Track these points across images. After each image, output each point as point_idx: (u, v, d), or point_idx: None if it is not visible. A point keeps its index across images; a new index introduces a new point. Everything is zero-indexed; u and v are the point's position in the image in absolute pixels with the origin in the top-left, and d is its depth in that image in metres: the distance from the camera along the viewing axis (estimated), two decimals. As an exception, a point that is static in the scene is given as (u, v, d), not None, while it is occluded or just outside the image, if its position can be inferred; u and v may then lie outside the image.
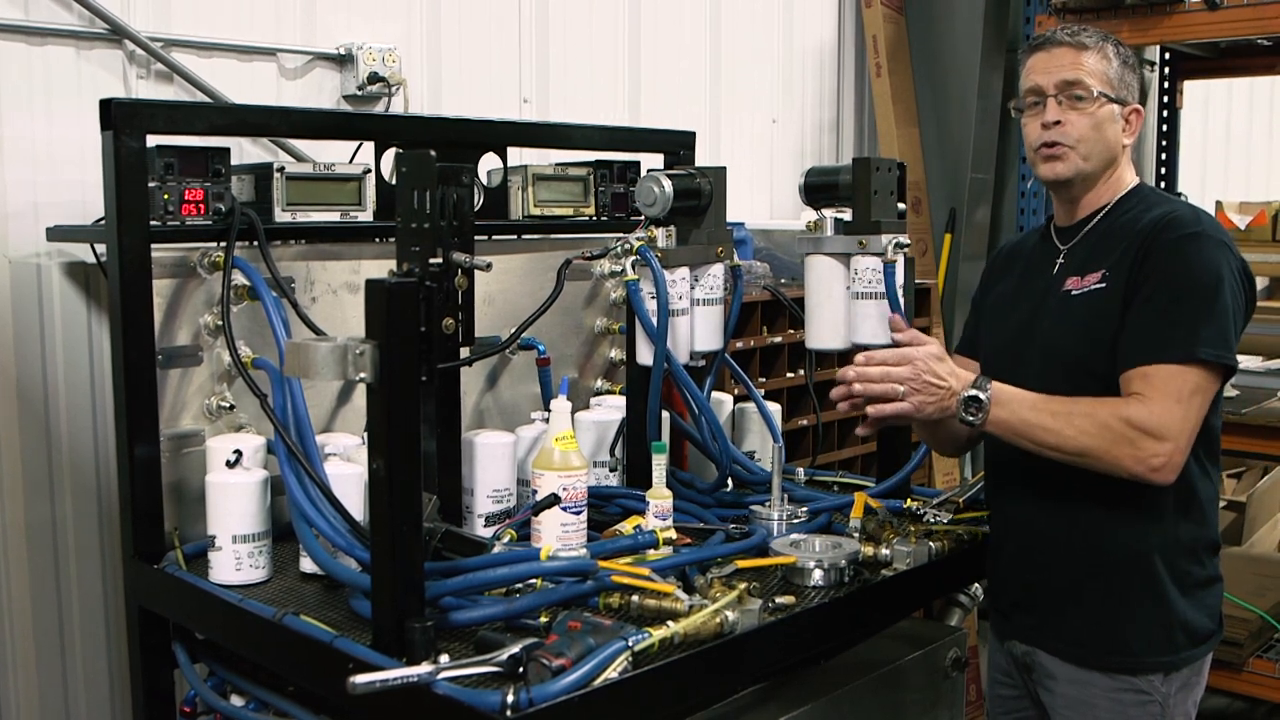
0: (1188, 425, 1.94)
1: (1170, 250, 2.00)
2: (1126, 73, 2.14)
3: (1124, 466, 1.94)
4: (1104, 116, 2.11)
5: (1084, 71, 2.10)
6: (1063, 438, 1.95)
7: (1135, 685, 2.07)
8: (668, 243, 2.36)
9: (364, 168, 2.54)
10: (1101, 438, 1.93)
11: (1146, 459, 1.92)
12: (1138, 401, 1.94)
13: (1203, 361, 1.95)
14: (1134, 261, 2.02)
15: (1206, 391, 1.97)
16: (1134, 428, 1.92)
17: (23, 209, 2.60)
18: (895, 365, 2.04)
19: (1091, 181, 2.15)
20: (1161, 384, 1.94)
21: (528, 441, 2.46)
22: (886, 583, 2.12)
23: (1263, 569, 4.09)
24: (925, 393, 2.01)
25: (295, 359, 1.70)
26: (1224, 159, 6.69)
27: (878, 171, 2.40)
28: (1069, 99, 2.10)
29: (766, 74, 4.36)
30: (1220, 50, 4.39)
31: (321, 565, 2.01)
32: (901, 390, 2.02)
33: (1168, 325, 1.96)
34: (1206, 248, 2.00)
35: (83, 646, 2.74)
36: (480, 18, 3.41)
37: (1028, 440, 1.99)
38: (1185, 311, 1.96)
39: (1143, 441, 1.92)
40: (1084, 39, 2.13)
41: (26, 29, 2.59)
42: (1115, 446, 1.93)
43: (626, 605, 1.86)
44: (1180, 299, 1.97)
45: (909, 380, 2.02)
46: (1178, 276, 1.99)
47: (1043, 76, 2.13)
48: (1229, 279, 2.00)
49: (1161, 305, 1.98)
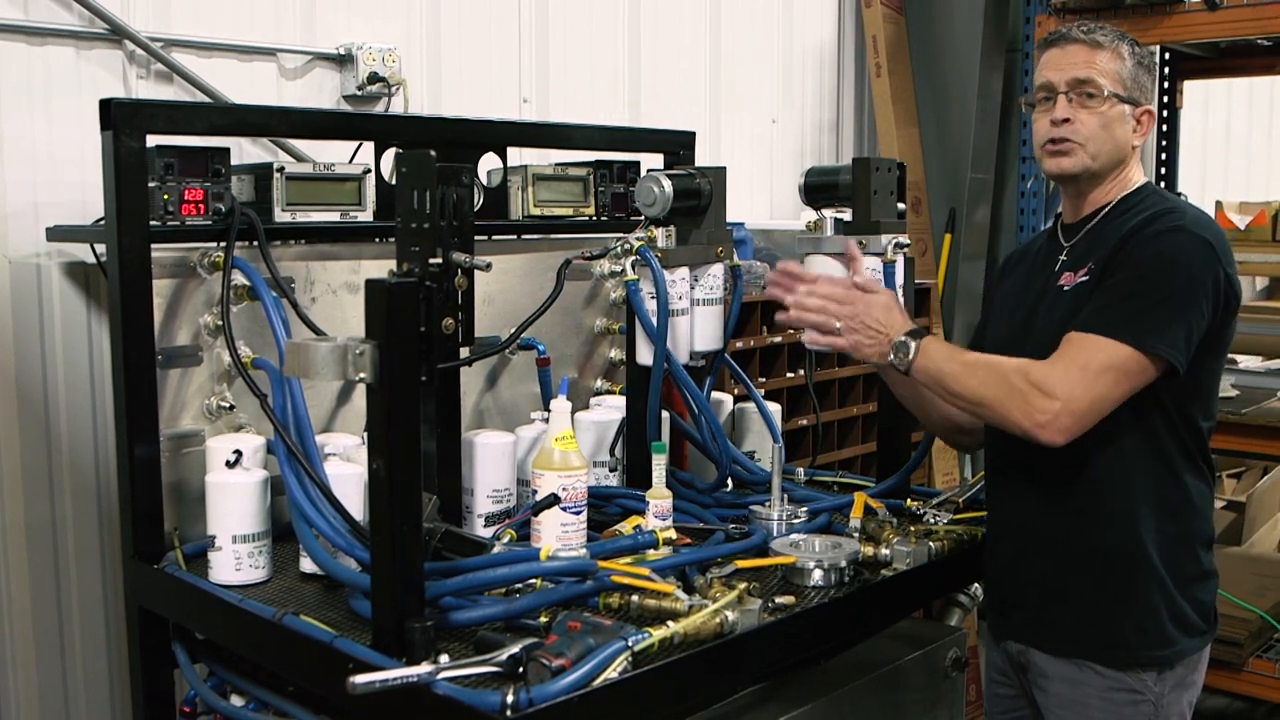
0: (1088, 395, 1.93)
1: (1145, 240, 2.00)
2: (1141, 73, 2.13)
3: (1013, 419, 1.96)
4: (1114, 116, 2.10)
5: (1096, 70, 2.09)
6: (965, 386, 2.00)
7: (1128, 684, 2.08)
8: (668, 243, 2.36)
9: (364, 168, 2.54)
10: (998, 389, 1.97)
11: (1033, 413, 1.93)
12: (1043, 362, 1.97)
13: (1131, 343, 1.93)
14: (1115, 252, 2.03)
15: (1125, 373, 1.95)
16: (1029, 382, 1.94)
17: (23, 209, 2.60)
18: (839, 303, 2.09)
19: (1098, 179, 2.14)
20: (1076, 350, 1.95)
21: (528, 441, 2.46)
22: (886, 583, 2.12)
23: (1262, 569, 4.09)
24: (863, 333, 2.08)
25: (295, 359, 1.70)
26: (1224, 159, 6.69)
27: (877, 171, 2.40)
28: (1080, 97, 2.09)
29: (766, 74, 4.36)
30: (1220, 50, 4.38)
31: (321, 565, 2.01)
32: (838, 325, 2.08)
33: (1111, 304, 1.97)
34: (1182, 241, 1.99)
35: (83, 646, 2.74)
36: (480, 18, 3.41)
37: (941, 388, 2.04)
38: (1134, 295, 1.96)
39: (1033, 396, 1.93)
40: (1099, 37, 2.11)
41: (26, 29, 2.59)
42: (1009, 399, 1.96)
43: (626, 605, 1.86)
44: (1134, 284, 1.97)
45: (848, 319, 2.08)
46: (1141, 263, 1.99)
47: (1055, 73, 2.12)
48: (1196, 277, 1.98)
49: (1116, 286, 1.99)
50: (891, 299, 2.13)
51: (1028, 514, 2.17)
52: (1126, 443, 2.03)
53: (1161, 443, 2.06)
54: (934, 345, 2.06)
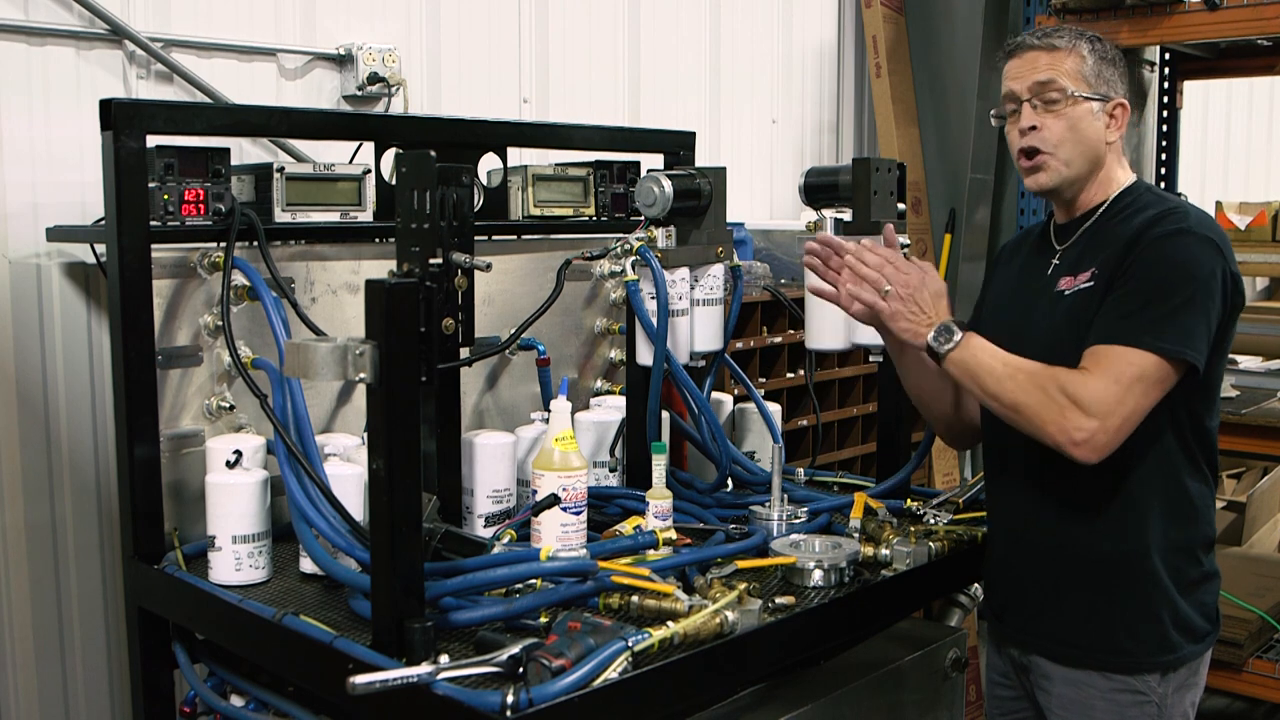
0: (1122, 408, 1.92)
1: (1153, 245, 1.99)
2: (1105, 68, 2.11)
3: (1048, 433, 1.94)
4: (1080, 115, 2.08)
5: (1056, 71, 2.07)
6: (1003, 388, 1.98)
7: (1132, 685, 2.07)
8: (667, 243, 2.36)
9: (364, 168, 2.54)
10: (1034, 397, 1.94)
11: (1069, 429, 1.92)
12: (1079, 374, 1.95)
13: (1159, 351, 1.94)
14: (1120, 257, 2.02)
15: (1153, 380, 1.94)
16: (1066, 396, 1.93)
17: (22, 209, 2.60)
18: (897, 269, 2.06)
19: (1080, 185, 2.13)
20: (1107, 363, 1.94)
21: (527, 442, 2.46)
22: (886, 583, 2.12)
23: (1262, 569, 4.09)
24: (907, 305, 2.05)
25: (295, 359, 1.70)
26: (1224, 159, 6.70)
27: (877, 172, 2.40)
28: (1043, 103, 2.08)
29: (766, 74, 4.36)
30: (1220, 51, 4.38)
31: (321, 565, 2.01)
32: (888, 288, 2.05)
33: (1131, 312, 1.96)
34: (1190, 244, 1.99)
35: (83, 647, 2.74)
36: (480, 18, 3.41)
37: (975, 385, 2.01)
38: (1153, 302, 1.96)
39: (1070, 412, 1.92)
40: (1055, 40, 2.10)
41: (26, 29, 2.59)
42: (1045, 410, 1.94)
43: (626, 606, 1.86)
44: (1151, 290, 1.97)
45: (900, 286, 2.05)
46: (1154, 268, 1.98)
47: (1016, 82, 2.12)
48: (1209, 277, 1.98)
49: (1132, 294, 1.98)
50: (945, 290, 2.10)
51: (1029, 518, 2.16)
52: (1131, 446, 2.02)
53: (1166, 445, 2.05)
54: (977, 339, 2.03)
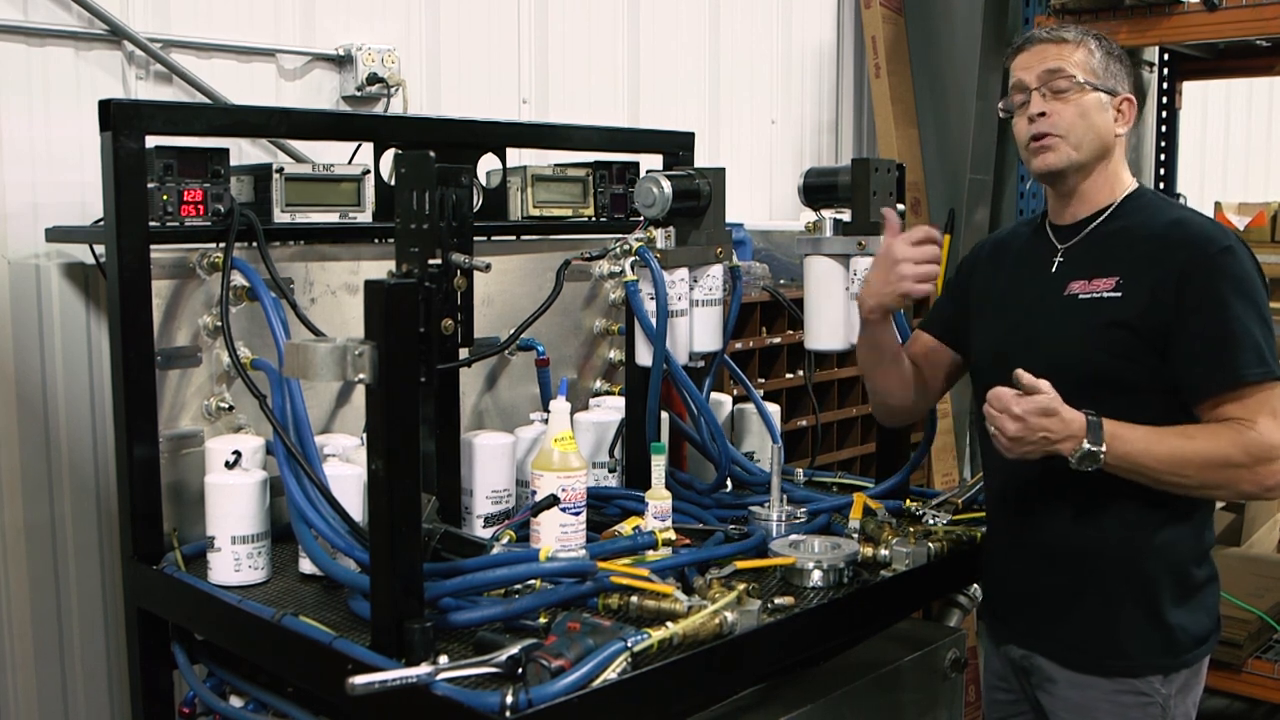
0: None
1: (1212, 270, 1.99)
2: (1111, 63, 2.12)
3: (1246, 492, 2.01)
4: (1090, 104, 2.09)
5: (1065, 61, 2.09)
6: (1187, 481, 1.97)
7: (1136, 687, 2.07)
8: (667, 244, 2.36)
9: (363, 168, 2.54)
10: (1223, 474, 1.96)
11: (1263, 480, 1.96)
12: (1246, 428, 1.95)
13: (1276, 376, 1.98)
14: (1164, 278, 2.00)
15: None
16: (1250, 456, 1.94)
17: (22, 209, 2.59)
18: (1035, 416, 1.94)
19: (1086, 172, 2.12)
20: (1256, 406, 1.96)
21: (527, 442, 2.46)
22: (885, 583, 2.12)
23: (1262, 569, 4.09)
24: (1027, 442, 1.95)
25: (294, 360, 1.70)
26: (1223, 160, 6.69)
27: (877, 172, 2.40)
28: (1053, 91, 2.09)
29: (765, 75, 4.36)
30: (1219, 51, 4.38)
31: (320, 566, 2.01)
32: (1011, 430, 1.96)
33: (1245, 345, 1.97)
34: (1242, 261, 2.01)
35: (82, 647, 2.74)
36: (480, 18, 3.41)
37: (1149, 483, 1.99)
38: (1250, 328, 1.98)
39: (1259, 468, 1.95)
40: (1063, 34, 2.13)
41: (26, 29, 2.59)
42: (1237, 480, 1.97)
43: (625, 606, 1.86)
44: (1242, 317, 1.98)
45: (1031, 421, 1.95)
46: (1228, 295, 1.98)
47: (1025, 72, 2.13)
48: (1263, 287, 2.03)
49: (1228, 325, 1.98)
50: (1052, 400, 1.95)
51: (1029, 521, 2.15)
52: None
53: None
54: (1120, 441, 1.94)
